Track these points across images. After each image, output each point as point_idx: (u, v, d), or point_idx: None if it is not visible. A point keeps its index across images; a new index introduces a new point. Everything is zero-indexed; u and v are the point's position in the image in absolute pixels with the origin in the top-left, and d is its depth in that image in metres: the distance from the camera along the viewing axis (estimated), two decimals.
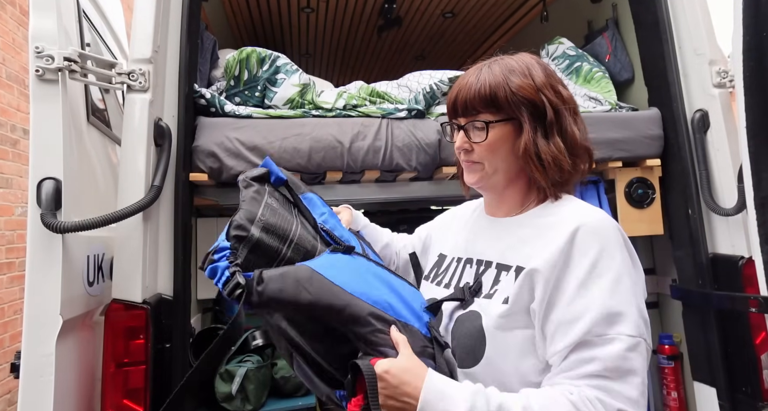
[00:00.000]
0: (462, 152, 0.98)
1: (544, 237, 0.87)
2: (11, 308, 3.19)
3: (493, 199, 1.03)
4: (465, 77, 0.97)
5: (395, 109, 1.82)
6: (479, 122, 0.93)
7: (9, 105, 3.22)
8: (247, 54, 1.82)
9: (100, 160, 1.61)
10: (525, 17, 3.18)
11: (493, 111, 0.93)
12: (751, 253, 1.57)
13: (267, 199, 0.95)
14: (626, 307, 0.78)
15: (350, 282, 0.84)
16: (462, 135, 0.97)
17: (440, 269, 1.10)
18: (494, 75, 0.93)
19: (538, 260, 0.83)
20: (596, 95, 2.05)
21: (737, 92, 1.02)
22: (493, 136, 0.93)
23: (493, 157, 0.94)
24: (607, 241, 0.82)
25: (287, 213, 0.97)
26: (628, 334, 0.76)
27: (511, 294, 0.85)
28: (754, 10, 0.87)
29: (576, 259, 0.81)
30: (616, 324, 0.76)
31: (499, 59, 0.97)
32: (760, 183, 0.92)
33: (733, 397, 1.59)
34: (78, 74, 1.32)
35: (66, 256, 1.24)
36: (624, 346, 0.75)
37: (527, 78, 0.92)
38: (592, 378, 0.75)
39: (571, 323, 0.78)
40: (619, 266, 0.80)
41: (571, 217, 0.86)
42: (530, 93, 0.91)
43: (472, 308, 0.91)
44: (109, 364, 1.33)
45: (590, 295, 0.78)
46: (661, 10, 1.84)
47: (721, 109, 1.69)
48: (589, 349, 0.76)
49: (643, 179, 1.91)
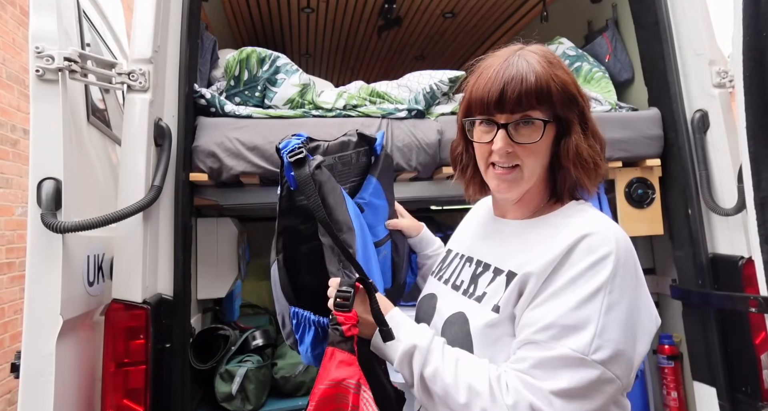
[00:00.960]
0: (503, 156, 0.85)
1: (545, 243, 0.83)
2: (11, 308, 3.19)
3: (513, 204, 0.95)
4: (504, 69, 0.83)
5: (395, 109, 1.83)
6: (535, 120, 0.82)
7: (9, 105, 3.22)
8: (247, 54, 1.82)
9: (100, 160, 1.61)
10: (525, 17, 3.18)
11: (546, 108, 0.83)
12: (751, 253, 1.57)
13: (352, 154, 1.14)
14: (588, 324, 0.73)
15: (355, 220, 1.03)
16: (504, 135, 0.83)
17: (444, 264, 1.09)
18: (541, 66, 0.82)
19: (533, 265, 0.81)
20: (596, 95, 2.05)
21: (737, 92, 1.01)
22: (545, 136, 0.83)
23: (534, 161, 0.84)
24: (604, 256, 0.76)
25: (351, 173, 1.15)
26: (572, 348, 0.72)
27: (502, 302, 0.83)
28: (754, 10, 0.87)
29: (566, 267, 0.78)
30: (565, 337, 0.73)
31: (526, 49, 0.87)
32: (760, 183, 0.92)
33: (733, 397, 1.59)
34: (78, 74, 1.32)
35: (66, 256, 1.24)
36: (559, 356, 0.73)
37: (567, 74, 0.85)
38: (520, 372, 0.76)
39: (528, 325, 0.77)
40: (602, 282, 0.75)
41: (579, 225, 0.82)
42: (574, 89, 0.85)
43: (461, 309, 0.89)
44: (109, 364, 1.33)
45: (557, 303, 0.76)
46: (661, 10, 1.84)
47: (721, 109, 1.69)
48: (530, 349, 0.76)
49: (643, 179, 1.91)
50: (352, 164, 1.15)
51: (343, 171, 1.13)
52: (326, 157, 1.08)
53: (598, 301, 0.74)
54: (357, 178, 1.18)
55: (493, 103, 0.83)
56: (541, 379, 0.73)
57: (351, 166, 1.15)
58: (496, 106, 0.84)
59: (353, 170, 1.16)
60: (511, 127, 0.84)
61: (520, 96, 0.81)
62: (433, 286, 1.05)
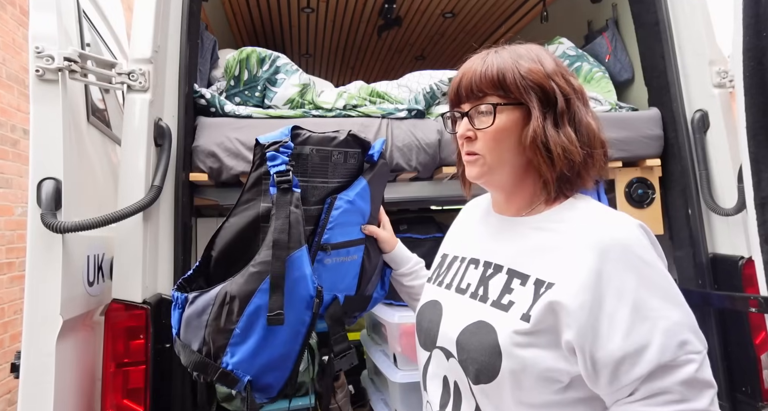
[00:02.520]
0: (464, 142, 0.90)
1: (561, 249, 0.80)
2: (11, 308, 3.20)
3: (501, 197, 0.95)
4: (469, 63, 0.91)
5: (395, 109, 1.83)
6: (485, 105, 0.86)
7: (9, 105, 3.22)
8: (247, 54, 1.82)
9: (100, 160, 1.61)
10: (525, 17, 3.18)
11: (501, 94, 0.86)
12: (751, 253, 1.57)
13: (336, 157, 1.15)
14: (685, 319, 0.74)
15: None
16: (465, 122, 0.89)
17: (442, 269, 1.03)
18: (503, 59, 0.87)
19: (560, 290, 0.76)
20: (596, 95, 2.05)
21: (737, 92, 1.02)
22: (500, 121, 0.86)
23: (498, 147, 0.87)
24: (639, 263, 0.74)
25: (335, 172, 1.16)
26: (696, 352, 0.73)
27: (533, 314, 0.77)
28: (754, 10, 0.87)
29: (610, 297, 0.73)
30: (685, 344, 0.72)
31: (507, 46, 0.91)
32: (760, 183, 0.92)
33: (733, 397, 1.59)
34: (78, 74, 1.32)
35: (66, 256, 1.24)
36: (696, 366, 0.72)
37: (537, 64, 0.86)
38: (672, 404, 0.71)
39: (637, 354, 0.72)
40: (658, 281, 0.75)
41: (588, 229, 0.79)
42: (540, 77, 0.85)
43: (482, 319, 0.83)
44: (109, 364, 1.33)
45: (649, 323, 0.73)
46: (661, 10, 1.83)
47: (721, 109, 1.69)
48: (664, 376, 0.72)
49: (643, 179, 1.91)
50: (332, 161, 1.14)
51: (320, 165, 1.12)
52: (303, 147, 1.10)
53: (672, 292, 0.75)
54: (345, 179, 1.18)
55: (454, 95, 0.92)
56: (694, 400, 0.71)
57: (333, 164, 1.14)
58: (457, 97, 0.92)
59: (338, 169, 1.16)
60: (472, 114, 0.89)
61: (471, 84, 0.88)
62: (434, 293, 1.00)
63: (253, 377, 0.99)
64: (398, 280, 1.29)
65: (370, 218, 1.24)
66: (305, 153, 1.10)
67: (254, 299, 0.97)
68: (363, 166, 1.23)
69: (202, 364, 0.98)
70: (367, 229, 1.22)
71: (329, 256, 1.13)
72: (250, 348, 0.98)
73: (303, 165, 1.10)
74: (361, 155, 1.21)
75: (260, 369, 1.00)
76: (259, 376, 1.00)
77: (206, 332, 0.99)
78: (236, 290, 0.97)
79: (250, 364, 0.99)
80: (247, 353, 0.98)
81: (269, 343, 0.99)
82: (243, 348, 0.98)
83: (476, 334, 0.82)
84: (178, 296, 1.02)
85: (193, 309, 0.99)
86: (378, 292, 1.30)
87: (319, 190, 1.14)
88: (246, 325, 0.97)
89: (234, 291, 0.97)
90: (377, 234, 1.24)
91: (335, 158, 1.15)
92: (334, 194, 1.15)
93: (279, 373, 1.03)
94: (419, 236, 2.20)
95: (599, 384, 0.75)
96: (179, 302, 1.02)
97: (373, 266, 1.24)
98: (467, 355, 0.82)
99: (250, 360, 0.98)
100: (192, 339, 1.00)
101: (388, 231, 1.28)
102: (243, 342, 0.98)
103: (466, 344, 0.83)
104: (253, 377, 1.00)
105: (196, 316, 0.99)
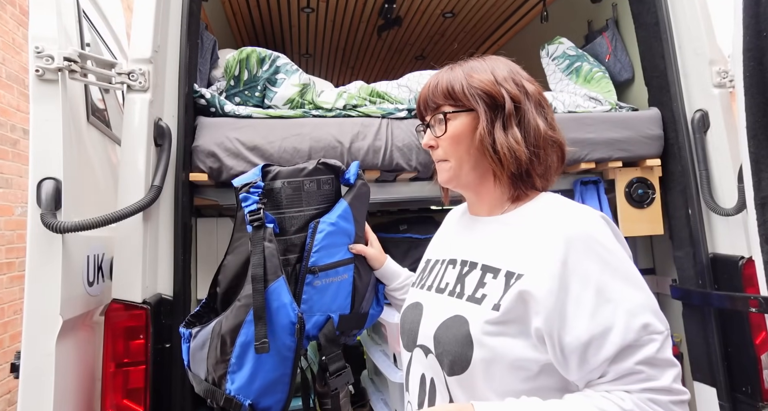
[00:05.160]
0: (430, 150, 0.99)
1: (527, 241, 0.84)
2: (11, 308, 3.20)
3: (473, 198, 1.01)
4: (428, 80, 1.01)
5: (395, 109, 1.82)
6: (439, 114, 0.95)
7: (9, 105, 3.22)
8: (247, 54, 1.82)
9: (100, 160, 1.61)
10: (525, 17, 3.19)
11: (452, 103, 0.95)
12: (751, 253, 1.57)
13: (308, 186, 1.22)
14: (646, 301, 0.78)
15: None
16: (428, 132, 0.99)
17: (424, 273, 1.06)
18: (455, 73, 0.96)
19: (529, 280, 0.80)
20: (596, 95, 2.05)
21: (737, 92, 1.02)
22: (452, 127, 0.94)
23: (456, 149, 0.94)
24: (602, 251, 0.79)
25: (310, 199, 1.23)
26: (659, 332, 0.76)
27: (503, 304, 0.81)
28: (754, 10, 0.87)
29: (575, 284, 0.78)
30: (648, 325, 0.76)
31: (464, 62, 0.99)
32: (760, 183, 0.92)
33: (733, 397, 1.59)
34: (78, 74, 1.32)
35: (66, 256, 1.24)
36: (658, 345, 0.76)
37: (487, 73, 0.94)
38: (637, 382, 0.75)
39: (603, 336, 0.76)
40: (620, 267, 0.79)
41: (553, 222, 0.84)
42: (487, 85, 0.92)
43: (458, 313, 0.87)
44: (109, 364, 1.33)
45: (612, 305, 0.77)
46: (661, 10, 1.84)
47: (721, 109, 1.69)
48: (629, 356, 0.75)
49: (643, 179, 1.91)
50: (305, 190, 1.22)
51: (293, 196, 1.21)
52: (275, 182, 1.20)
53: (634, 276, 0.79)
54: (324, 204, 1.25)
55: (417, 109, 1.03)
56: (659, 378, 0.75)
57: (306, 193, 1.22)
58: (419, 112, 1.02)
59: (312, 196, 1.23)
60: (432, 124, 0.98)
61: (426, 98, 0.98)
62: (416, 296, 1.03)
63: (253, 401, 1.09)
64: (392, 295, 1.33)
65: (357, 237, 1.27)
66: (277, 187, 1.19)
67: (242, 330, 1.07)
68: (340, 190, 1.29)
69: (211, 392, 1.10)
70: (355, 248, 1.26)
71: (318, 277, 1.18)
72: (246, 374, 1.07)
73: (277, 199, 1.19)
74: (335, 180, 1.28)
75: (258, 393, 1.09)
76: (258, 399, 1.09)
77: (208, 363, 1.11)
78: (227, 324, 1.09)
79: (249, 389, 1.08)
80: (244, 379, 1.08)
81: (262, 368, 1.08)
82: (240, 375, 1.08)
83: (451, 327, 0.86)
84: (184, 332, 1.15)
85: (196, 343, 1.12)
86: (374, 309, 1.33)
87: (297, 219, 1.21)
88: (239, 353, 1.08)
89: (225, 324, 1.09)
90: (365, 252, 1.28)
91: (308, 187, 1.23)
92: (316, 219, 1.21)
93: (277, 396, 1.11)
94: (419, 236, 2.20)
95: (570, 368, 0.78)
96: (185, 337, 1.14)
97: (365, 284, 1.28)
98: (443, 348, 0.86)
99: (248, 385, 1.08)
100: (199, 370, 1.13)
101: (376, 248, 1.33)
102: (239, 369, 1.08)
103: (442, 338, 0.87)
104: (253, 401, 1.09)
105: (198, 349, 1.12)
